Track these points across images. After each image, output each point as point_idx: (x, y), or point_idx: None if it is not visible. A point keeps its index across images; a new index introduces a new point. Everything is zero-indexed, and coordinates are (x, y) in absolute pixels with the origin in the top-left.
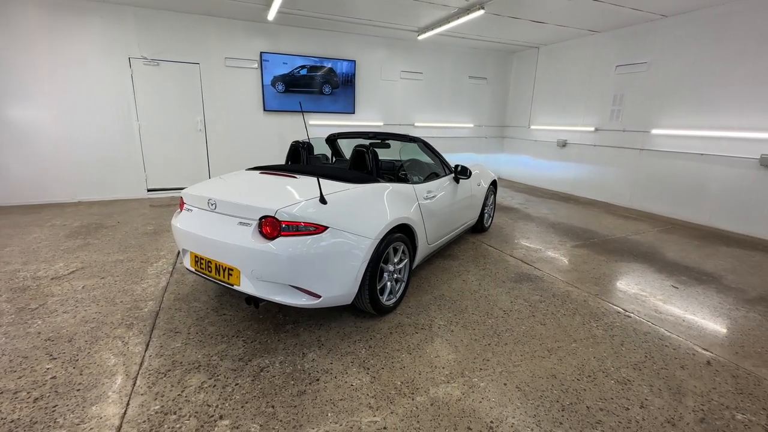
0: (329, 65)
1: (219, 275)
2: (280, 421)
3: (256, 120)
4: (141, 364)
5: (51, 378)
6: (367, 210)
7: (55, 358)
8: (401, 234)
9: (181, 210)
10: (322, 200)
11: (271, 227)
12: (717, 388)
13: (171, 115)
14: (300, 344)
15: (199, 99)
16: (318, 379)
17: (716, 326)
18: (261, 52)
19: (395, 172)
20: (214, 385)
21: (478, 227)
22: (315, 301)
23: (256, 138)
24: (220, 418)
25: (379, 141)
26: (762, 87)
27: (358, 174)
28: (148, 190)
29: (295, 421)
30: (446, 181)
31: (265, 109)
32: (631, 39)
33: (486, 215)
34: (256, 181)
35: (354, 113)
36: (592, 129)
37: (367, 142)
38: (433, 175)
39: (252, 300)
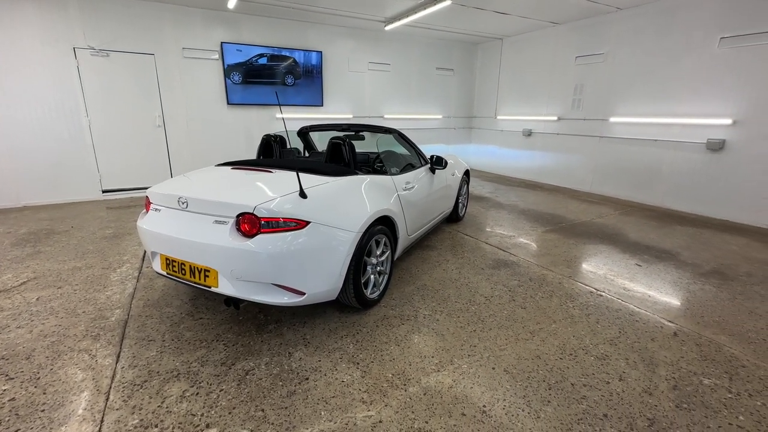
0: (290, 54)
1: (194, 278)
2: (272, 424)
3: (219, 114)
4: (113, 377)
5: (9, 400)
6: (348, 203)
7: (12, 378)
8: (382, 226)
9: (148, 210)
10: (302, 194)
11: (249, 224)
12: (684, 356)
13: (125, 111)
14: (285, 344)
15: (155, 92)
16: (307, 378)
17: (678, 300)
18: (222, 43)
19: (371, 164)
20: (197, 393)
21: (453, 217)
22: (299, 298)
23: (221, 133)
24: (207, 426)
25: (353, 133)
26: (707, 76)
27: (335, 167)
28: (104, 192)
29: (288, 423)
30: (423, 171)
31: (228, 103)
32: (590, 31)
33: (460, 205)
34: (230, 177)
35: (322, 106)
36: (555, 118)
37: (341, 134)
38: (409, 167)
39: (232, 301)
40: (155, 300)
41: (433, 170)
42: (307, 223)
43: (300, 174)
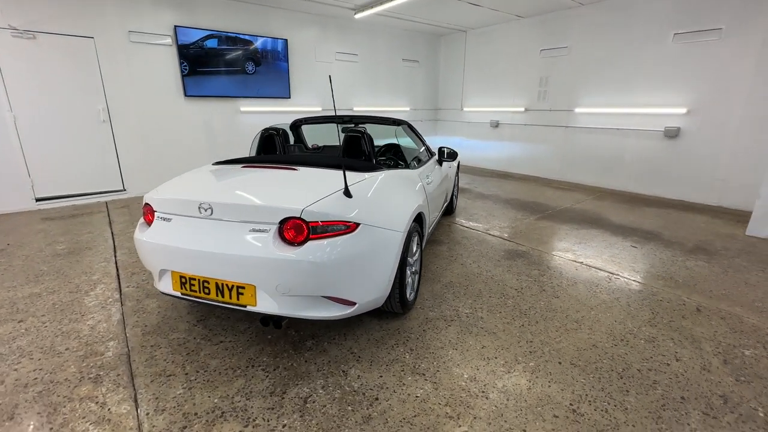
0: (252, 40)
1: (222, 297)
2: None
3: (175, 107)
4: (140, 429)
5: None
6: (390, 201)
7: None
8: (415, 223)
9: (150, 220)
10: (347, 193)
11: (295, 231)
12: (717, 331)
13: (60, 104)
14: (333, 361)
15: (98, 82)
16: (377, 398)
17: (682, 277)
18: (175, 26)
19: (385, 158)
20: None
21: (448, 209)
22: (349, 310)
23: (178, 129)
24: None
25: (353, 125)
26: (664, 68)
27: (363, 162)
28: (37, 200)
29: None
30: (432, 164)
31: (186, 95)
32: (554, 24)
33: (453, 196)
34: (252, 178)
35: (289, 98)
36: (522, 109)
37: (330, 127)
38: (416, 159)
39: (271, 320)
40: (155, 325)
41: (440, 162)
42: (357, 225)
43: (327, 171)
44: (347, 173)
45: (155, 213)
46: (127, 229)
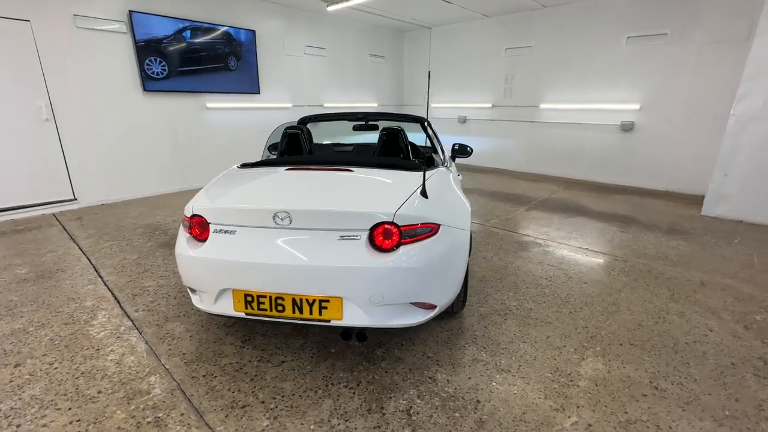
0: (224, 29)
1: (301, 313)
2: None
3: (133, 104)
4: None
5: None
6: (453, 200)
7: None
8: None
9: (200, 234)
10: (424, 194)
11: (386, 236)
12: (725, 301)
13: None
14: (414, 368)
15: (37, 74)
16: (478, 401)
17: (675, 257)
18: (130, 11)
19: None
20: None
21: None
22: (431, 314)
23: (137, 128)
24: None
25: (363, 123)
26: (619, 68)
27: (410, 162)
28: None
29: None
30: (451, 161)
31: (145, 89)
32: (517, 25)
33: None
34: (315, 181)
35: (259, 93)
36: (489, 105)
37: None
38: (440, 158)
39: (355, 334)
40: (195, 352)
41: (454, 158)
42: (438, 226)
43: (385, 170)
44: (400, 173)
45: (210, 225)
46: (98, 244)
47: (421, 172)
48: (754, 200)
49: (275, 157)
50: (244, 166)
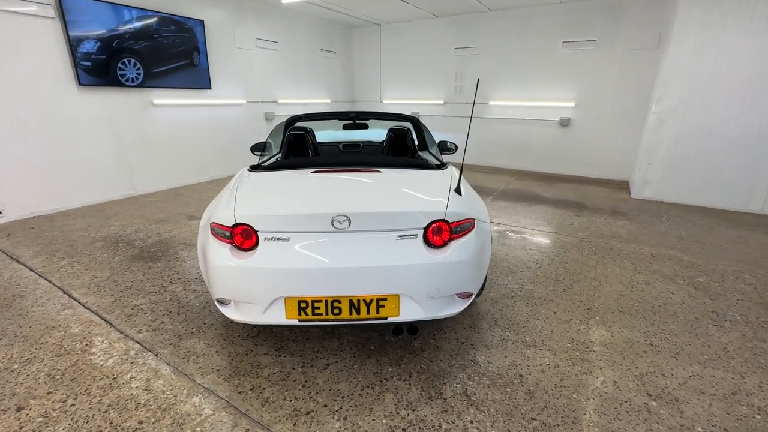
0: (169, 17)
1: (359, 314)
2: (554, 428)
3: (66, 100)
4: None
5: None
6: (474, 195)
7: None
8: None
9: (247, 244)
10: (459, 191)
11: (438, 232)
12: (674, 268)
13: None
14: (454, 354)
15: None
16: (521, 375)
17: (626, 234)
18: None
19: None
20: None
21: None
22: (468, 302)
23: (71, 128)
24: None
25: (352, 122)
26: (556, 69)
27: (423, 161)
28: None
29: (572, 416)
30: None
31: (80, 83)
32: (466, 26)
33: None
34: (355, 182)
35: (210, 89)
36: (442, 102)
37: (321, 123)
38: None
39: (406, 328)
40: (228, 366)
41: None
42: (474, 221)
43: (411, 170)
44: (424, 172)
45: (258, 234)
46: (53, 263)
47: (441, 171)
48: (673, 184)
49: (266, 157)
50: (255, 168)
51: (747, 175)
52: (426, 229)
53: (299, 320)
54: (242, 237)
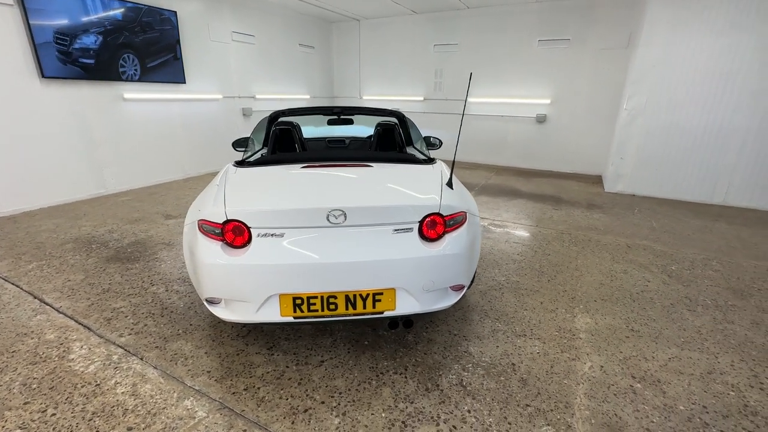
0: (138, 6)
1: (355, 309)
2: (552, 409)
3: (25, 93)
4: None
5: None
6: (463, 189)
7: None
8: None
9: (239, 242)
10: (450, 185)
11: (432, 226)
12: (648, 258)
13: None
14: (447, 346)
15: None
16: (513, 364)
17: (601, 226)
18: None
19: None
20: (457, 428)
21: None
22: (461, 294)
23: (36, 123)
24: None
25: (336, 117)
26: (533, 67)
27: (410, 155)
28: None
29: (564, 402)
30: None
31: (44, 76)
32: (445, 23)
33: None
34: (347, 177)
35: (185, 83)
36: (421, 98)
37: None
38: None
39: (402, 322)
40: (219, 367)
41: None
42: (466, 214)
43: (401, 165)
44: (414, 166)
45: (251, 230)
46: (19, 267)
47: (431, 165)
48: (643, 178)
49: (249, 153)
50: (240, 164)
51: (709, 169)
52: (421, 222)
53: (294, 317)
54: (233, 234)
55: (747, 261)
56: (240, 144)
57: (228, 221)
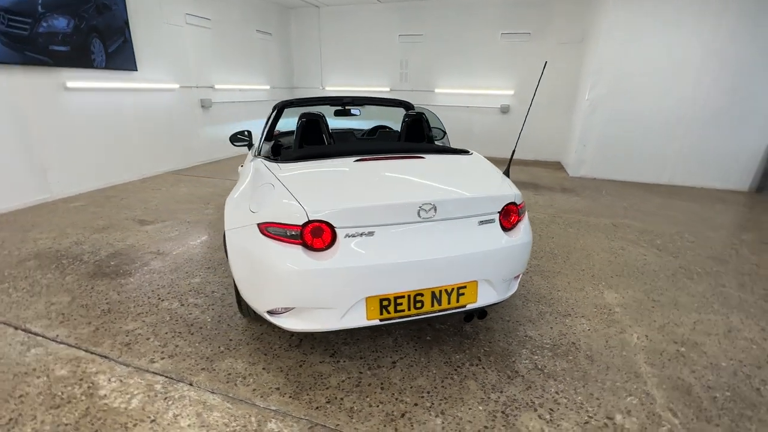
0: None
1: (440, 305)
2: (607, 390)
3: None
4: None
5: None
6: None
7: None
8: None
9: (320, 244)
10: (507, 174)
11: (508, 215)
12: (635, 235)
13: None
14: (507, 333)
15: None
16: (574, 343)
17: (582, 208)
18: None
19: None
20: (552, 411)
21: None
22: (518, 281)
23: None
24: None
25: (341, 108)
26: (496, 59)
27: (446, 146)
28: None
29: (612, 388)
30: None
31: None
32: (410, 13)
33: None
34: (407, 170)
35: (136, 71)
36: (388, 89)
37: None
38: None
39: (477, 314)
40: (287, 382)
41: None
42: (522, 202)
43: (450, 156)
44: (456, 157)
45: (335, 230)
46: None
47: (471, 156)
48: (604, 162)
49: (251, 145)
50: (280, 159)
51: (659, 153)
52: (500, 212)
53: (380, 320)
54: (312, 236)
55: (711, 232)
56: (237, 139)
57: (309, 222)
